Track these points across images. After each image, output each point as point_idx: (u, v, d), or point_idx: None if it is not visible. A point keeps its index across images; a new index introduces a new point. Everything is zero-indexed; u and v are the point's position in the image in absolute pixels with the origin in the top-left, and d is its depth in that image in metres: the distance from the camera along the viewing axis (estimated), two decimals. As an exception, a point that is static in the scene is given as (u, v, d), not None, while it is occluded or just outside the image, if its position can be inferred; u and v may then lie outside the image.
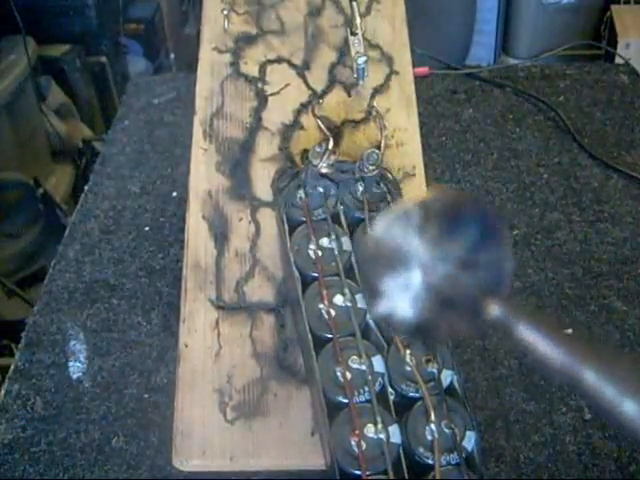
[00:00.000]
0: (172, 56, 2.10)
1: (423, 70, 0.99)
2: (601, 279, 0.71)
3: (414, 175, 0.63)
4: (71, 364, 0.65)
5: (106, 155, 0.89)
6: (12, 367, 0.65)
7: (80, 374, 0.64)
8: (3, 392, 0.63)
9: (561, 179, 0.83)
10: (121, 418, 0.60)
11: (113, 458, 0.58)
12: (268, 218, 0.60)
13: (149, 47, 2.05)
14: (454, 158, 0.87)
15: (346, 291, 0.54)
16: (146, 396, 0.62)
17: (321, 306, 0.53)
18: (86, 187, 0.85)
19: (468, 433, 0.49)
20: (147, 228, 0.78)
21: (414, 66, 0.68)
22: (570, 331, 0.66)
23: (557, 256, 0.74)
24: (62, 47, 1.75)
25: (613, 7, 1.80)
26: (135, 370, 0.64)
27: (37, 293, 0.73)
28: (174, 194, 0.82)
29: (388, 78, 0.66)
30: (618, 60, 1.30)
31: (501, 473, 0.56)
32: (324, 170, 0.57)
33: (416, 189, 0.62)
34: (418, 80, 0.66)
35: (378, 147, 0.58)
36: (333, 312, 0.53)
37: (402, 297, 0.19)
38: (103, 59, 1.86)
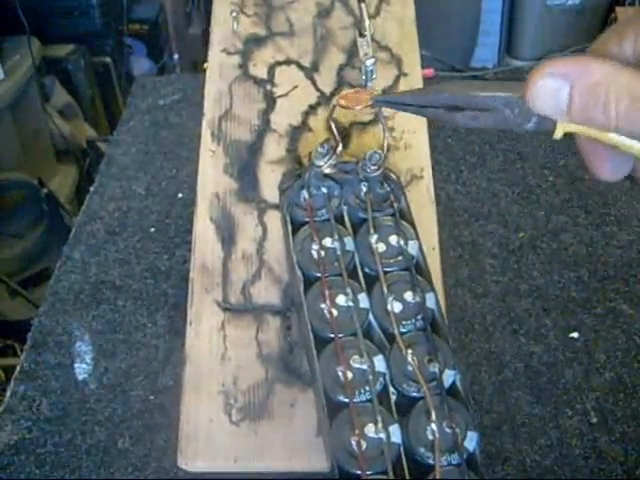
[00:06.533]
0: (176, 56, 2.11)
1: (428, 72, 0.99)
2: (607, 282, 0.71)
3: (422, 177, 0.62)
4: (77, 365, 0.65)
5: (112, 156, 0.89)
6: (18, 368, 0.65)
7: (86, 375, 0.64)
8: (9, 393, 0.63)
9: (567, 182, 0.83)
10: (127, 420, 0.60)
11: (119, 460, 0.58)
12: (275, 220, 0.60)
13: (153, 47, 2.05)
14: (460, 160, 0.87)
15: (348, 291, 0.54)
16: (152, 397, 0.62)
17: (323, 306, 0.53)
18: (91, 188, 0.84)
19: (469, 433, 0.49)
20: (153, 229, 0.78)
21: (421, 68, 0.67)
22: (576, 335, 0.66)
23: (563, 259, 0.73)
24: (66, 47, 1.76)
25: (618, 9, 1.79)
26: (141, 371, 0.64)
27: (40, 293, 0.73)
28: (180, 195, 0.82)
29: (397, 80, 0.65)
30: (623, 62, 1.30)
31: (507, 476, 0.56)
32: (327, 171, 0.56)
33: (423, 191, 0.62)
34: (423, 82, 0.66)
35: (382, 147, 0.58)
36: (335, 312, 0.53)
37: None
38: (107, 59, 1.87)
